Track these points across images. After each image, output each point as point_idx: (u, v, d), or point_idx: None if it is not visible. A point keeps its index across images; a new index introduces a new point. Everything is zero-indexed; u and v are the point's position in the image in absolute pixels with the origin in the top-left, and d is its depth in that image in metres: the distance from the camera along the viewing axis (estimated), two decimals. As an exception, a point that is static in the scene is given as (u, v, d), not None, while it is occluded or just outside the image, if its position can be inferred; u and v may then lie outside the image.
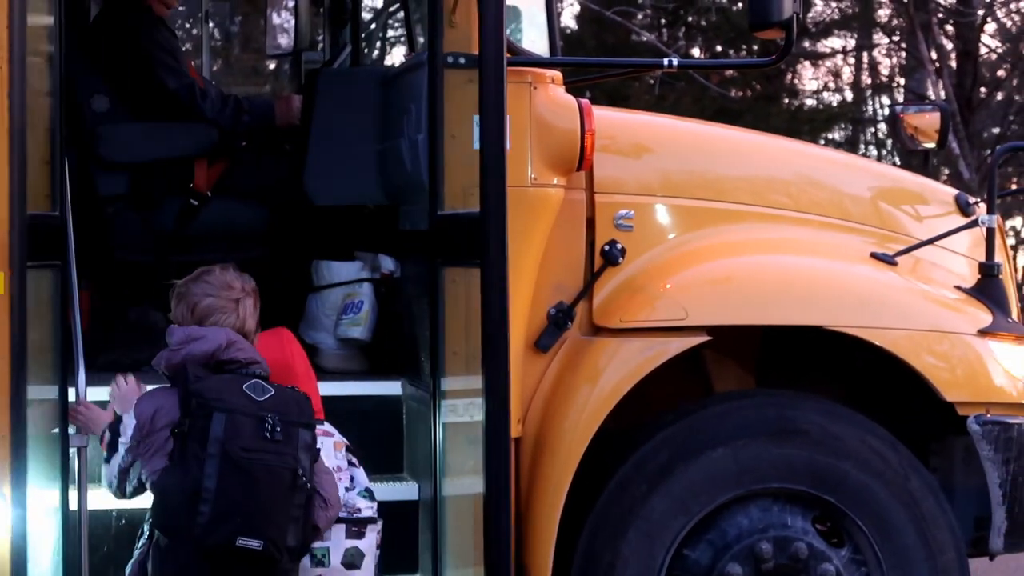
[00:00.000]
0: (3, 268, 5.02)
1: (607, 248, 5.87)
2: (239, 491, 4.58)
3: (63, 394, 5.12)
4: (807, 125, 22.19)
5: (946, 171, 21.71)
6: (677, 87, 19.78)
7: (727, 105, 20.12)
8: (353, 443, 5.32)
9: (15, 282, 4.89)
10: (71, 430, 5.13)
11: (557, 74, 5.76)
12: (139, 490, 4.93)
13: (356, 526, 5.06)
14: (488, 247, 5.14)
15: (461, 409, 5.47)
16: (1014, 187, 21.66)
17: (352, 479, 5.19)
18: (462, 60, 5.47)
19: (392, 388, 6.12)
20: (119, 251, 6.65)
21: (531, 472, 5.70)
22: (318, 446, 4.88)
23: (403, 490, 5.85)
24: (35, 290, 5.00)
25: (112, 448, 4.94)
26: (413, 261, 6.13)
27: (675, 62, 6.03)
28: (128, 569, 5.00)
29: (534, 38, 5.90)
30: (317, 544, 4.95)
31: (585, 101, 5.76)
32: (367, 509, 5.13)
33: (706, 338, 5.78)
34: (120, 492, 4.94)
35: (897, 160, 24.75)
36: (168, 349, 4.90)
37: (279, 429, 4.64)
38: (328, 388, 5.47)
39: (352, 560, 5.04)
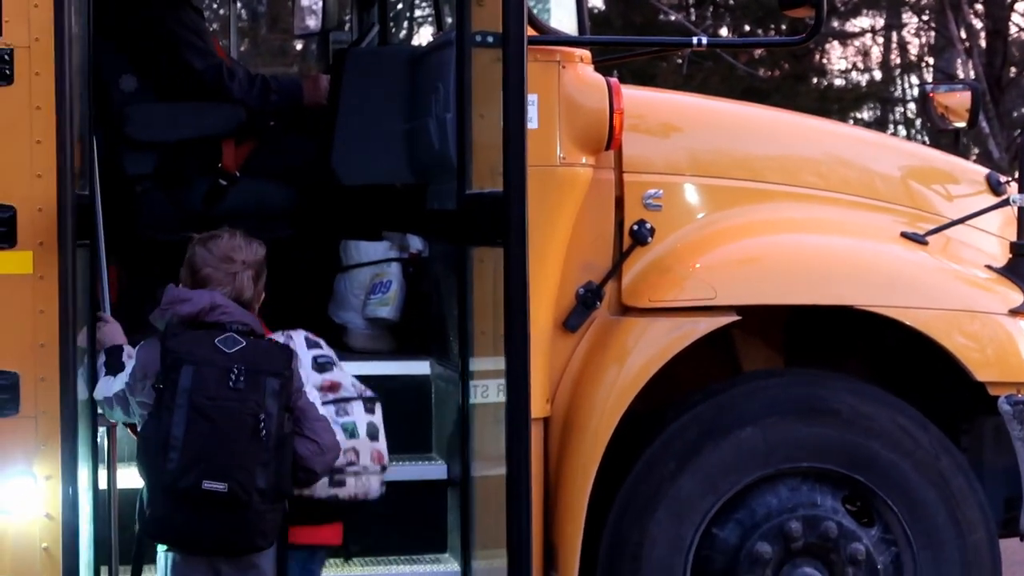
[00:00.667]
0: (32, 247, 5.06)
1: (636, 228, 5.85)
2: (204, 438, 4.76)
3: (91, 374, 5.15)
4: (836, 105, 22.11)
5: (976, 150, 21.62)
6: (705, 67, 19.72)
7: (755, 85, 20.06)
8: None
9: (65, 260, 4.95)
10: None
11: (586, 53, 5.75)
12: (126, 420, 5.14)
13: (368, 403, 5.23)
14: (509, 226, 5.14)
15: (489, 389, 5.47)
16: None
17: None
18: (490, 39, 5.46)
19: (420, 368, 6.12)
20: (147, 230, 6.66)
21: (560, 452, 5.69)
22: (306, 392, 5.00)
23: (432, 470, 5.86)
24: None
25: (112, 370, 5.12)
26: (441, 241, 6.13)
27: (704, 41, 6.03)
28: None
29: (562, 17, 5.87)
30: (344, 419, 5.16)
31: (614, 80, 5.74)
32: (367, 391, 5.27)
33: (735, 318, 5.76)
34: (110, 413, 5.14)
35: (926, 140, 24.67)
36: (158, 308, 5.06)
37: (243, 378, 4.80)
38: (356, 368, 5.48)
39: (374, 432, 5.22)
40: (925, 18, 24.78)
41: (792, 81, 21.46)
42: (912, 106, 27.90)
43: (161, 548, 5.04)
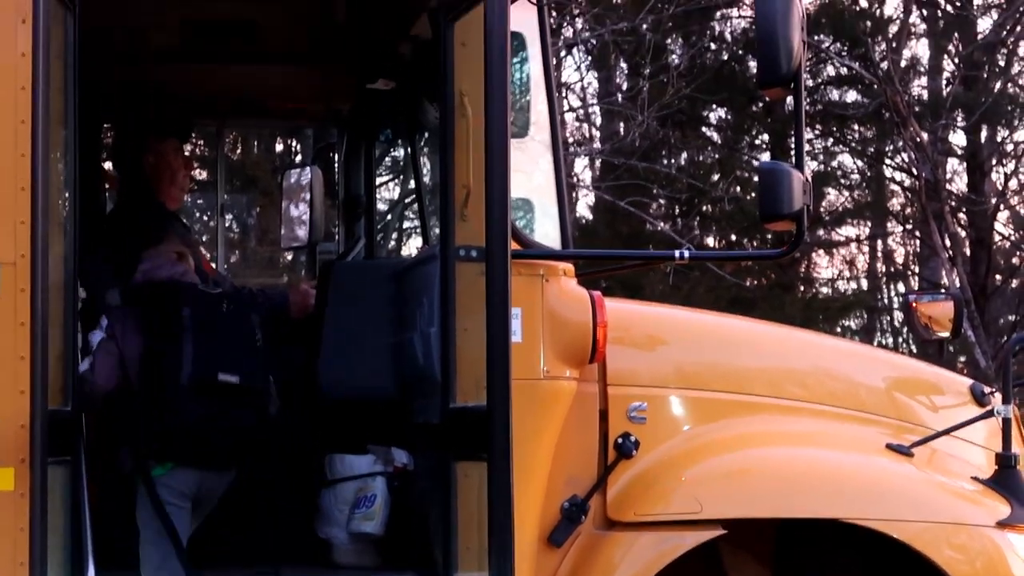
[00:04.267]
0: (13, 463, 5.04)
1: (620, 441, 5.84)
2: None
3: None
4: (822, 313, 22.21)
5: (962, 359, 21.67)
6: (691, 276, 19.85)
7: (742, 294, 20.17)
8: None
9: (36, 478, 4.92)
10: None
11: (569, 266, 5.78)
12: None
13: None
14: (493, 441, 5.12)
15: (474, 605, 5.40)
16: (1030, 375, 21.59)
17: None
18: (473, 253, 5.50)
19: (405, 583, 6.06)
20: (132, 447, 6.62)
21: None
22: None
23: None
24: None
25: None
26: (426, 454, 6.11)
27: (687, 254, 6.06)
28: None
29: (546, 230, 5.93)
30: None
31: (597, 293, 5.77)
32: None
33: (721, 531, 5.72)
34: None
35: (914, 348, 24.74)
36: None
37: None
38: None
39: None
40: (909, 227, 25.02)
41: (779, 290, 21.58)
42: (899, 314, 28.03)
43: None
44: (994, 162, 23.40)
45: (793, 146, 5.60)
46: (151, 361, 6.17)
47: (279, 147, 21.22)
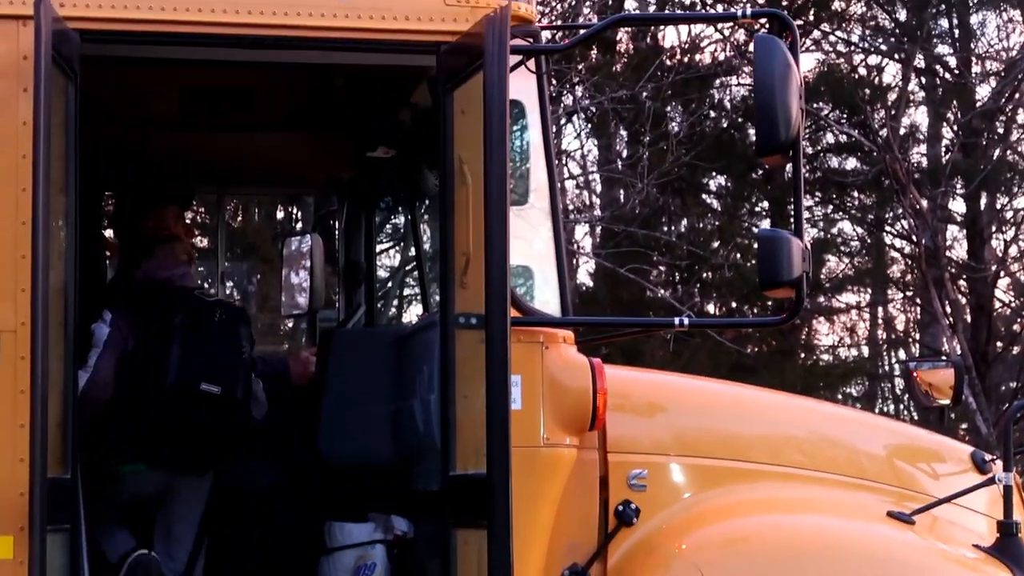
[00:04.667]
0: (13, 532, 5.03)
1: (621, 508, 5.83)
2: None
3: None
4: (823, 380, 22.20)
5: (963, 426, 21.64)
6: (691, 342, 19.85)
7: (742, 360, 20.16)
8: None
9: (35, 546, 4.91)
10: None
11: (568, 333, 5.79)
12: None
13: None
14: (493, 509, 5.11)
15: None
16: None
17: None
18: (473, 320, 5.50)
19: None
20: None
21: None
22: None
23: None
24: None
25: None
26: (426, 522, 6.09)
27: (686, 321, 6.06)
28: None
29: (546, 297, 5.93)
30: None
31: (597, 360, 5.77)
32: None
33: (722, 600, 5.70)
34: None
35: (915, 415, 24.70)
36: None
37: None
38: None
39: None
40: (910, 294, 25.04)
41: (779, 357, 21.57)
42: (900, 381, 28.00)
43: None
44: (994, 229, 23.43)
45: (792, 213, 5.61)
46: (141, 362, 6.26)
47: (280, 214, 21.27)
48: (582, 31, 6.36)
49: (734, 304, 21.75)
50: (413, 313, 20.02)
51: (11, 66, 5.31)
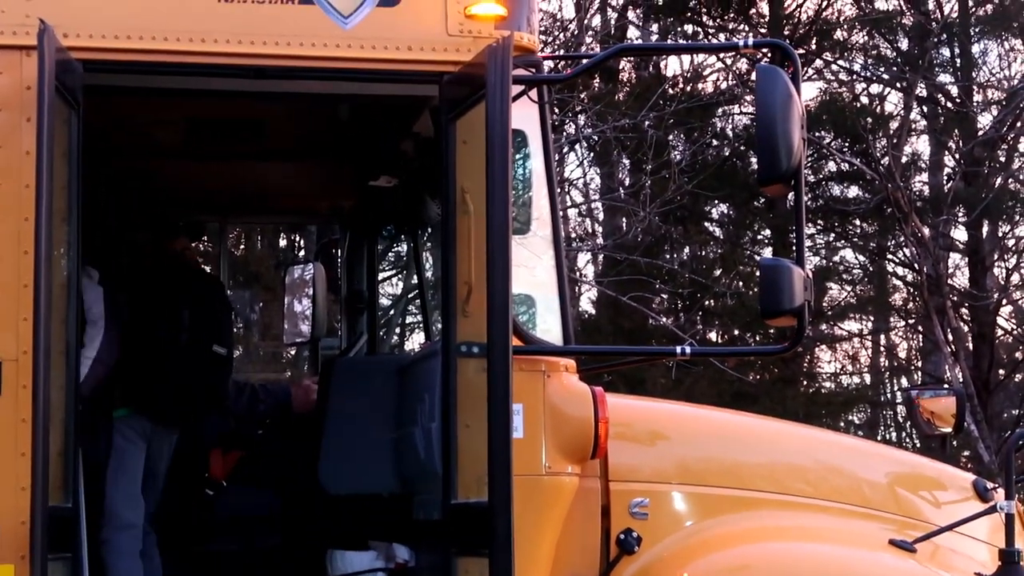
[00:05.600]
0: (14, 560, 5.03)
1: (622, 537, 5.82)
2: None
3: None
4: (825, 408, 22.18)
5: (966, 453, 21.62)
6: (693, 371, 19.85)
7: (744, 388, 20.16)
8: None
9: (36, 575, 4.91)
10: None
11: (571, 362, 5.79)
12: None
13: None
14: (495, 537, 5.11)
15: None
16: (1033, 470, 21.52)
17: None
18: (475, 349, 5.51)
19: None
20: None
21: None
22: None
23: None
24: None
25: None
26: (428, 550, 6.09)
27: (688, 350, 6.06)
28: None
29: (549, 325, 5.94)
30: None
31: (599, 389, 5.77)
32: None
33: (724, 628, 5.70)
34: None
35: (917, 443, 24.67)
36: None
37: None
38: None
39: None
40: (912, 322, 25.04)
41: (781, 385, 21.55)
42: (902, 409, 27.97)
43: None
44: (996, 257, 23.44)
45: (794, 242, 5.62)
46: (144, 327, 6.56)
47: (282, 242, 21.30)
48: (584, 61, 6.38)
49: (736, 332, 21.75)
50: (415, 341, 20.02)
51: (15, 96, 5.32)
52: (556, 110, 17.86)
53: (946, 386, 9.58)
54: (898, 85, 22.74)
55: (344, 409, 6.58)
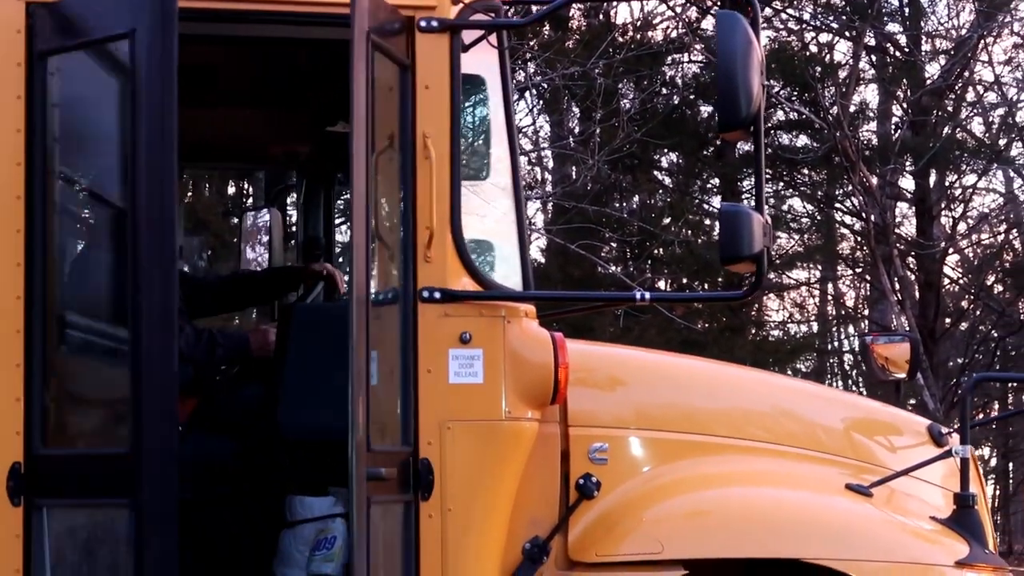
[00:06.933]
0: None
1: (582, 481, 5.86)
2: None
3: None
4: (772, 356, 22.31)
5: (912, 401, 21.80)
6: (642, 319, 19.92)
7: (693, 336, 20.24)
8: None
9: None
10: None
11: (531, 308, 5.80)
12: None
13: None
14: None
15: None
16: (981, 417, 21.74)
17: None
18: (437, 295, 5.52)
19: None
20: None
21: None
22: None
23: None
24: None
25: None
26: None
27: (647, 296, 6.06)
28: None
29: (507, 272, 5.95)
30: None
31: (559, 334, 5.79)
32: None
33: (683, 572, 5.73)
34: None
35: (863, 391, 24.85)
36: None
37: None
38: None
39: None
40: (859, 270, 25.19)
41: (729, 333, 21.66)
42: (849, 357, 28.17)
43: None
44: (942, 206, 23.60)
45: (753, 188, 5.63)
46: None
47: (231, 189, 21.21)
48: (535, 8, 6.34)
49: (685, 280, 21.83)
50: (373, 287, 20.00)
51: None
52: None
53: (901, 332, 9.67)
54: (847, 34, 22.81)
55: (303, 355, 6.55)
